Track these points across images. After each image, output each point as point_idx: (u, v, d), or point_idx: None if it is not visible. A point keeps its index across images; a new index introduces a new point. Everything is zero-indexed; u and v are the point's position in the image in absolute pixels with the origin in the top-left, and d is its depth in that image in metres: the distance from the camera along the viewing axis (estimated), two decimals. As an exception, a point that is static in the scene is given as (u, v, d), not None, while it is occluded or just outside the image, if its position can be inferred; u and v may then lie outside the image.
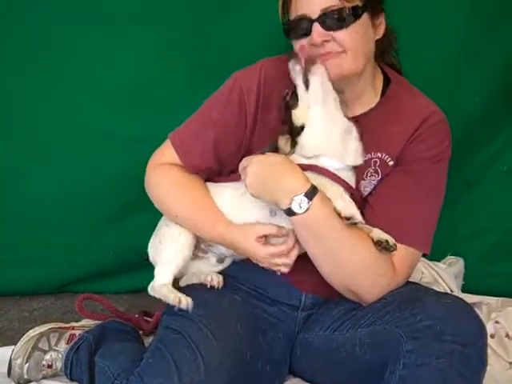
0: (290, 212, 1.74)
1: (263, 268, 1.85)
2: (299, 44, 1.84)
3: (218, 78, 2.01)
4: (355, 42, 1.82)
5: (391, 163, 1.92)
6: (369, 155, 1.91)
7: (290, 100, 1.82)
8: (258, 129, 1.95)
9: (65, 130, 2.46)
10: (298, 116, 1.81)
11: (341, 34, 1.80)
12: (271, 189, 1.76)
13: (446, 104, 1.99)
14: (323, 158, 1.80)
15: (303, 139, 1.81)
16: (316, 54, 1.81)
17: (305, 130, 1.80)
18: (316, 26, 1.79)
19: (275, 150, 1.85)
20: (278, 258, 1.82)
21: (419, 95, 2.00)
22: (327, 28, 1.79)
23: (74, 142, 2.47)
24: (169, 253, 1.95)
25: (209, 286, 1.92)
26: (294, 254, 1.83)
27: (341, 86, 1.86)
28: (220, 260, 2.04)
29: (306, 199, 1.71)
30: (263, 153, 1.82)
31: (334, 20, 1.79)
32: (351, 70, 1.84)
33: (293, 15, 1.84)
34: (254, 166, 1.78)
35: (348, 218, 1.73)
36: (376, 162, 1.92)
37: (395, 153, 1.91)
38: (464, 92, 2.57)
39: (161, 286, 1.92)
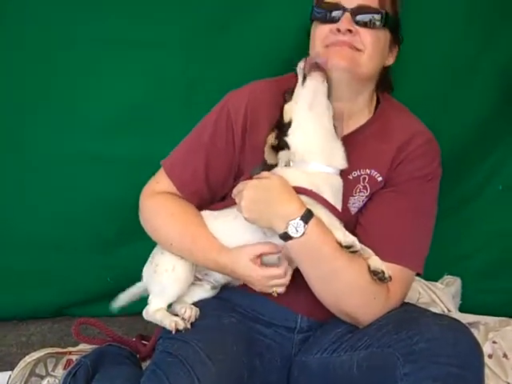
0: (286, 236, 1.75)
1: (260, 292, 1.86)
2: (320, 29, 1.89)
3: (214, 101, 2.03)
4: (374, 46, 1.87)
5: (380, 179, 1.94)
6: (358, 172, 1.93)
7: (287, 95, 1.86)
8: (246, 151, 1.96)
9: (60, 154, 2.45)
10: (287, 110, 1.85)
11: (366, 33, 1.85)
12: (266, 214, 1.77)
13: (439, 122, 2.02)
14: (313, 163, 1.82)
15: (290, 138, 1.82)
16: (335, 40, 1.85)
17: (291, 125, 1.83)
18: (347, 15, 1.84)
19: (266, 167, 1.86)
20: (274, 280, 1.83)
21: (408, 115, 2.03)
22: (357, 22, 1.84)
23: (69, 166, 2.46)
24: (163, 286, 1.95)
25: (181, 318, 1.88)
26: (289, 273, 1.84)
27: (344, 92, 1.89)
28: (214, 287, 2.05)
29: (302, 223, 1.72)
30: (254, 174, 1.84)
31: (365, 17, 1.85)
32: (360, 68, 1.87)
33: None
34: (250, 190, 1.79)
35: (348, 247, 1.73)
36: (365, 178, 1.93)
37: (384, 169, 1.93)
38: (457, 110, 2.57)
39: (155, 311, 1.93)
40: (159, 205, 2.00)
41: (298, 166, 1.83)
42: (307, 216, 1.73)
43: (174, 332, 1.83)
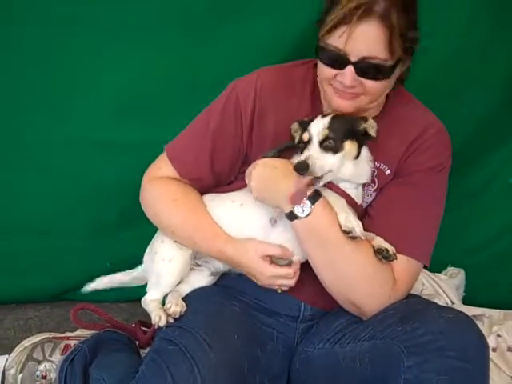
0: (292, 215, 1.74)
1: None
2: (325, 69, 1.78)
3: (215, 87, 2.01)
4: (380, 90, 1.80)
5: (388, 172, 1.92)
6: None
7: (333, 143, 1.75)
8: (254, 138, 1.94)
9: (61, 139, 2.42)
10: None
11: (371, 84, 1.76)
12: (274, 191, 1.77)
13: (448, 115, 1.98)
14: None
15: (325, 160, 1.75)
16: (339, 87, 1.77)
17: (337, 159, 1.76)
18: (350, 69, 1.73)
19: (278, 155, 1.85)
20: (282, 280, 1.83)
21: (418, 107, 1.99)
22: (361, 74, 1.73)
23: (70, 151, 2.43)
24: (160, 276, 1.95)
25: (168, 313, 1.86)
26: (298, 274, 1.84)
27: None
28: (213, 273, 2.03)
29: (308, 203, 1.72)
30: (266, 156, 1.83)
31: (370, 71, 1.73)
32: (365, 108, 1.84)
33: (333, 41, 1.72)
34: (259, 168, 1.80)
35: (348, 232, 1.71)
36: (373, 171, 1.90)
37: (393, 163, 1.91)
38: (467, 102, 2.54)
39: (150, 301, 1.94)
40: (161, 190, 1.98)
41: None
42: (315, 197, 1.73)
43: (156, 327, 1.85)
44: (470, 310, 2.47)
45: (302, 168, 1.69)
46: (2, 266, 2.56)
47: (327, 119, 1.76)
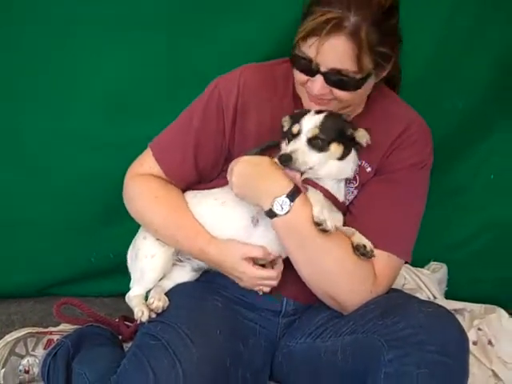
0: (271, 213, 1.74)
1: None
2: (299, 75, 1.80)
3: (200, 84, 2.01)
4: (352, 99, 1.80)
5: (369, 170, 1.93)
6: None
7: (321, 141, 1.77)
8: (236, 135, 1.95)
9: (51, 135, 2.40)
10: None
11: (341, 94, 1.76)
12: (254, 189, 1.78)
13: (429, 110, 1.98)
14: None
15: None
16: (312, 93, 1.78)
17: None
18: (319, 78, 1.74)
19: (260, 154, 1.85)
20: (264, 281, 1.84)
21: (400, 104, 2.00)
22: (330, 84, 1.74)
23: (54, 147, 2.42)
24: (142, 272, 1.96)
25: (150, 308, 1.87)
26: (280, 275, 1.85)
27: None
28: (195, 269, 2.03)
29: (287, 201, 1.72)
30: (249, 154, 1.84)
31: (339, 82, 1.74)
32: (345, 110, 1.84)
33: (305, 49, 1.72)
34: (240, 164, 1.81)
35: (319, 224, 1.71)
36: (355, 169, 1.90)
37: (375, 160, 1.92)
38: (447, 97, 2.53)
39: (133, 296, 1.95)
40: (143, 187, 1.98)
41: None
42: (293, 194, 1.73)
43: (138, 322, 1.86)
44: (452, 304, 2.48)
45: (286, 159, 1.72)
46: (-16, 261, 2.54)
47: (320, 118, 1.78)
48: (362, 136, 1.80)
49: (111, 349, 2.05)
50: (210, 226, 1.91)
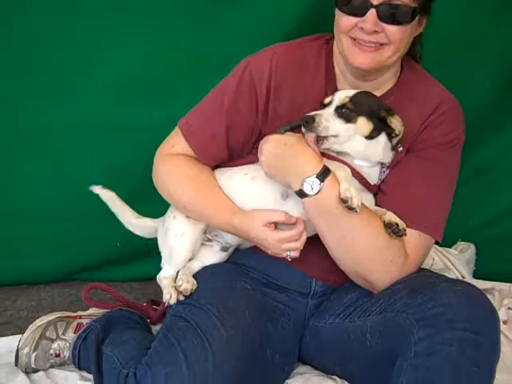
0: (301, 193, 1.73)
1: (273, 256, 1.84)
2: (344, 20, 1.79)
3: (221, 70, 2.01)
4: (402, 38, 1.79)
5: (400, 149, 1.89)
6: None
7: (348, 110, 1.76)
8: (269, 116, 1.93)
9: (71, 119, 2.43)
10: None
11: (393, 29, 1.75)
12: (284, 169, 1.76)
13: (456, 90, 1.96)
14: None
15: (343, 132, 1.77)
16: (360, 37, 1.77)
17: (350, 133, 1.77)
18: (372, 13, 1.73)
19: (292, 130, 1.83)
20: (288, 243, 1.80)
21: (432, 82, 1.97)
22: (383, 19, 1.74)
23: (78, 132, 2.44)
24: (171, 251, 1.97)
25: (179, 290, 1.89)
26: (304, 237, 1.81)
27: (368, 75, 1.86)
28: (224, 249, 2.04)
29: (317, 181, 1.71)
30: (280, 132, 1.81)
31: (392, 14, 1.74)
32: (386, 62, 1.82)
33: None
34: (270, 144, 1.79)
35: (344, 201, 1.69)
36: None
37: (406, 139, 1.88)
38: (474, 77, 2.52)
39: (164, 277, 1.96)
40: (174, 166, 1.98)
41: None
42: (323, 174, 1.71)
43: (166, 304, 1.88)
44: (481, 284, 2.45)
45: (308, 120, 1.72)
46: (14, 249, 2.57)
47: (354, 91, 1.79)
48: (396, 123, 1.78)
49: (140, 332, 2.06)
50: (240, 200, 1.90)
